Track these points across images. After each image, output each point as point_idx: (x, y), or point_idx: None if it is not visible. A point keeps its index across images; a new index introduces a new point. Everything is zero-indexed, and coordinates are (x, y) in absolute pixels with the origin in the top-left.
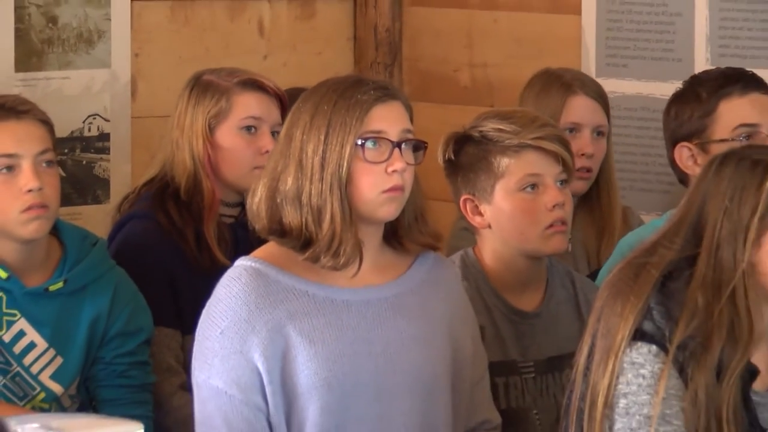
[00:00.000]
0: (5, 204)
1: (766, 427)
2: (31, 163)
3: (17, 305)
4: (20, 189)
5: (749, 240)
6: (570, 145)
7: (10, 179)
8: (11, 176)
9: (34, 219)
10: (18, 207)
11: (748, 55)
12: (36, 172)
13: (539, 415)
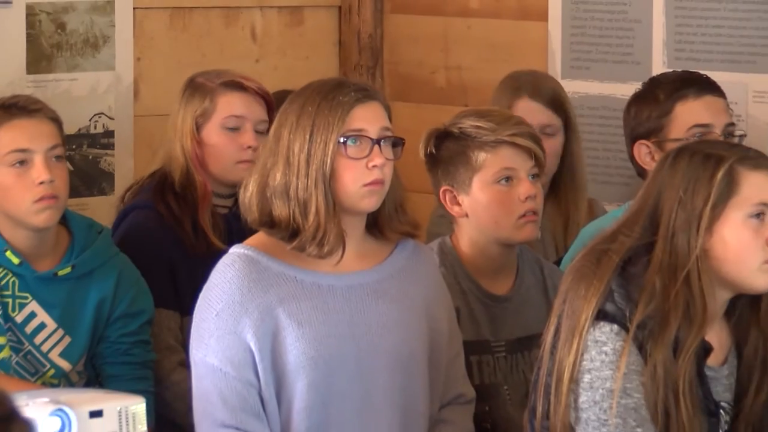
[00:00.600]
0: (19, 195)
1: (719, 399)
2: (42, 158)
3: (29, 289)
4: (33, 181)
5: (702, 228)
6: (542, 143)
7: (24, 172)
8: (24, 169)
9: (45, 209)
10: (30, 198)
11: (702, 59)
12: (47, 166)
13: (509, 391)
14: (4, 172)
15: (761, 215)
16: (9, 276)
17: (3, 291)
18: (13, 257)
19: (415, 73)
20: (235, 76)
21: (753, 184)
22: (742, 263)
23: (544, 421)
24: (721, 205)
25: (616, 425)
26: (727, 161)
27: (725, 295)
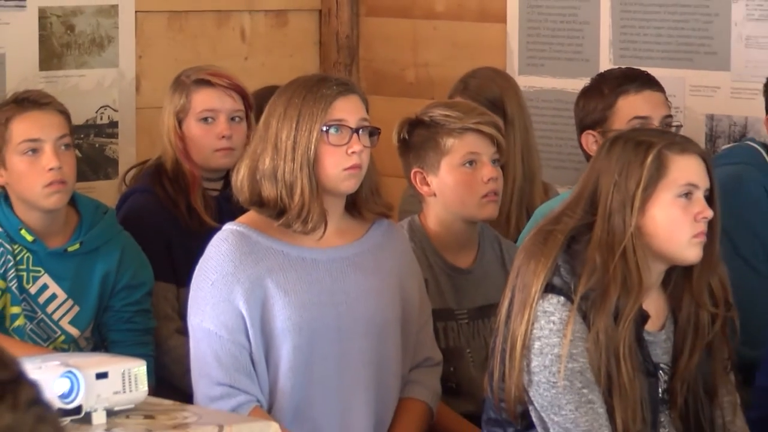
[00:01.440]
0: (31, 180)
1: (657, 361)
2: (52, 146)
3: (41, 263)
4: (43, 168)
5: (635, 207)
6: (503, 131)
7: (35, 160)
8: (36, 157)
9: (55, 192)
10: (41, 182)
11: (644, 56)
12: (56, 154)
13: (472, 354)
14: (17, 159)
15: (689, 195)
16: (24, 252)
17: (18, 265)
18: (27, 235)
19: (387, 69)
20: (203, 74)
21: (680, 167)
22: (673, 238)
23: (500, 383)
24: (652, 187)
25: (564, 387)
26: (656, 147)
27: (660, 267)
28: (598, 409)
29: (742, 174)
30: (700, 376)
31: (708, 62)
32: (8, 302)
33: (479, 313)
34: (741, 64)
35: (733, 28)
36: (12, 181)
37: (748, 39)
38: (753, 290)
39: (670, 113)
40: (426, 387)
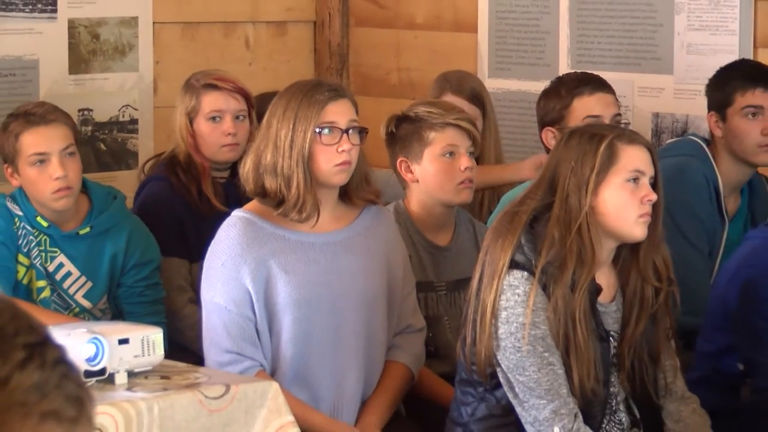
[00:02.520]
0: (40, 187)
1: (609, 329)
2: (57, 157)
3: (57, 245)
4: (50, 176)
5: (589, 190)
6: (478, 128)
7: (43, 169)
8: (43, 167)
9: (62, 198)
10: (50, 189)
11: (598, 62)
12: (61, 163)
13: (449, 321)
14: (28, 169)
15: (636, 180)
16: (41, 235)
17: (38, 246)
18: (42, 221)
19: (374, 73)
20: (211, 78)
21: (629, 155)
22: (621, 217)
23: (471, 348)
24: (604, 172)
25: (527, 351)
26: (608, 137)
27: (611, 244)
28: (557, 370)
29: (686, 164)
30: (645, 342)
31: (654, 67)
32: (34, 277)
33: (456, 285)
34: (683, 69)
35: (676, 37)
36: (25, 186)
37: (689, 46)
38: (694, 266)
39: (619, 112)
40: (406, 351)
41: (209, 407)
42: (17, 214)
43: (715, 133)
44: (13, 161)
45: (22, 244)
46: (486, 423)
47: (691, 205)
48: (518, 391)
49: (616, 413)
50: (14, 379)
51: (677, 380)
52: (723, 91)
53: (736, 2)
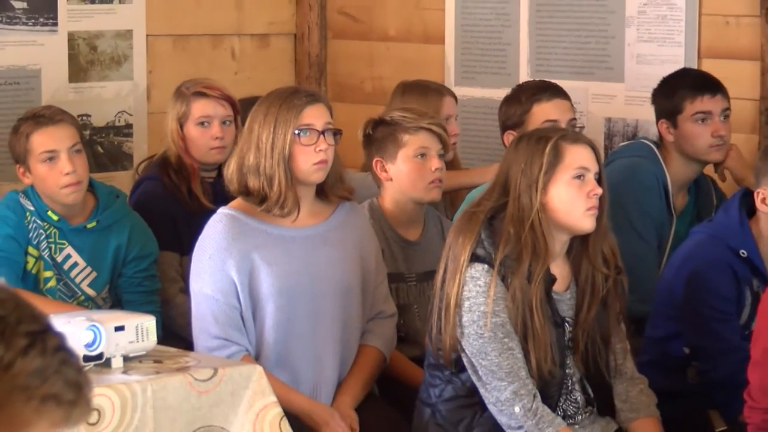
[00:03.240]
0: (51, 182)
1: (564, 315)
2: (66, 154)
3: (65, 237)
4: (60, 172)
5: (539, 189)
6: (447, 131)
7: (53, 166)
8: (53, 164)
9: (72, 192)
10: (60, 184)
11: (555, 71)
12: (70, 160)
13: (418, 309)
14: (39, 166)
15: (581, 176)
16: (51, 228)
17: (48, 239)
18: (52, 215)
19: (349, 82)
20: (200, 87)
21: (573, 154)
22: (570, 211)
23: (438, 336)
24: (551, 171)
25: (489, 337)
26: (552, 139)
27: (563, 237)
28: (517, 354)
29: (637, 165)
30: (597, 326)
31: (606, 75)
32: (41, 268)
33: (425, 276)
34: (633, 77)
35: (627, 48)
36: (36, 183)
37: (638, 57)
38: (643, 256)
39: (574, 117)
40: (379, 335)
41: (198, 389)
42: (29, 209)
43: (667, 138)
44: (24, 160)
45: (32, 237)
46: (452, 403)
47: (642, 202)
48: (481, 374)
49: (571, 393)
50: (17, 364)
51: (627, 362)
52: (672, 100)
53: (681, 16)
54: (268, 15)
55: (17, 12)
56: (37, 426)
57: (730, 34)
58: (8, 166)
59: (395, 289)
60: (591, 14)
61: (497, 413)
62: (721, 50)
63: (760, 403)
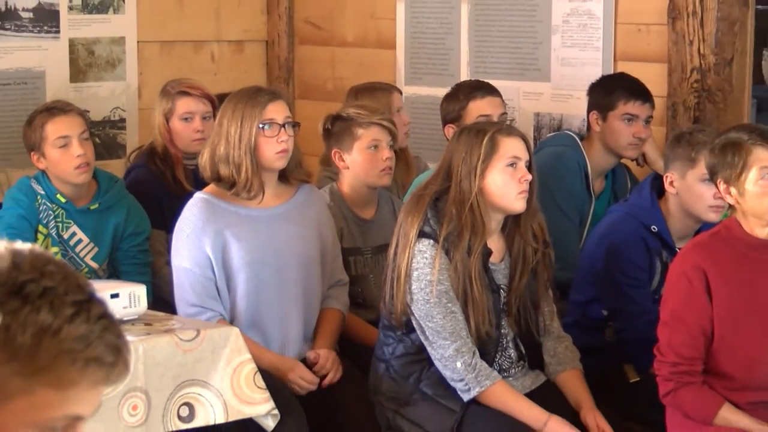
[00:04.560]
0: (64, 165)
1: (499, 283)
2: (77, 140)
3: (71, 217)
4: (72, 155)
5: (477, 175)
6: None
7: (66, 150)
8: (66, 149)
9: (82, 173)
10: (72, 166)
11: (491, 72)
12: (80, 145)
13: (374, 278)
14: (53, 151)
15: (514, 164)
16: (59, 209)
17: (56, 219)
18: (61, 198)
19: (313, 82)
20: (184, 86)
21: (507, 145)
22: (504, 195)
23: (390, 301)
24: (488, 160)
25: (434, 303)
26: (489, 132)
27: (498, 216)
28: (458, 317)
29: (562, 153)
30: (528, 292)
31: (535, 76)
32: (49, 244)
33: (379, 249)
34: (558, 78)
35: (553, 53)
36: (50, 167)
37: (563, 60)
38: (567, 233)
39: (505, 111)
40: (338, 299)
41: (183, 348)
42: (39, 192)
43: (594, 128)
44: (39, 147)
45: (42, 217)
46: (403, 359)
47: (566, 185)
48: (428, 334)
49: (506, 350)
50: (64, 330)
51: (554, 323)
52: (608, 97)
53: (599, 24)
54: (243, 24)
55: (24, 21)
56: (81, 385)
57: (641, 39)
58: (18, 155)
59: (353, 261)
60: (522, 23)
61: (442, 368)
62: (634, 54)
63: (668, 358)
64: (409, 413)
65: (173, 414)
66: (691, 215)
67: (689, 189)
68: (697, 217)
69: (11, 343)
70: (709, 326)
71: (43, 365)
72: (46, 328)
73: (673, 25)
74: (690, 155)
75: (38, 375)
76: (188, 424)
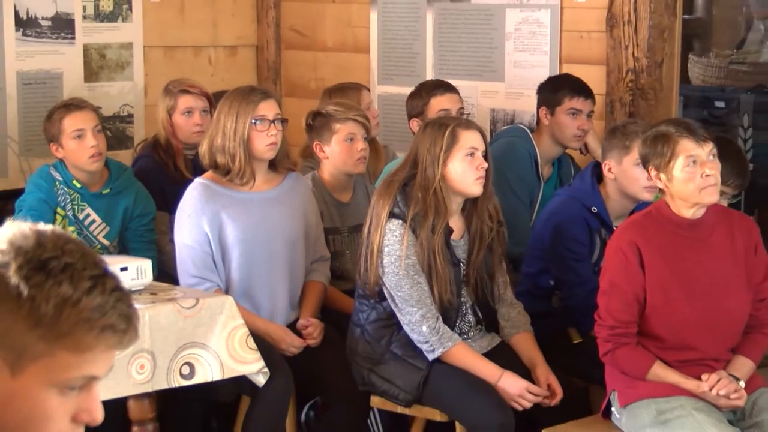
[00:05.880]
0: (80, 155)
1: (459, 257)
2: (91, 132)
3: (86, 200)
4: (86, 146)
5: (440, 164)
6: (370, 122)
7: (81, 142)
8: (81, 140)
9: (95, 161)
10: (87, 155)
11: (453, 73)
12: (94, 137)
13: (350, 254)
14: (70, 142)
15: (472, 154)
16: (75, 194)
17: (72, 202)
18: (76, 183)
19: (298, 82)
20: (185, 86)
21: (466, 137)
22: (464, 181)
23: (365, 274)
24: (449, 151)
25: (403, 274)
26: (450, 125)
27: (458, 199)
28: (424, 287)
29: (515, 143)
30: (484, 265)
31: (491, 77)
32: (66, 224)
33: (354, 229)
34: (511, 78)
35: (506, 56)
36: (67, 156)
37: (515, 63)
38: (519, 213)
39: (462, 107)
40: (321, 273)
41: (184, 314)
42: (58, 179)
43: (543, 122)
44: (58, 139)
45: (60, 200)
46: (376, 324)
47: (518, 171)
48: (398, 302)
49: (465, 315)
50: (82, 302)
51: (507, 291)
52: (555, 94)
53: (547, 32)
54: (236, 31)
55: (44, 29)
56: (96, 349)
57: (583, 45)
58: (39, 146)
59: (332, 240)
60: (479, 30)
61: (410, 332)
62: (577, 57)
63: (606, 322)
64: (381, 371)
65: (176, 372)
66: (627, 196)
67: (625, 173)
68: (634, 197)
69: (36, 313)
70: (642, 294)
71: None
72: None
73: (611, 32)
74: (625, 144)
75: (59, 340)
76: (189, 381)
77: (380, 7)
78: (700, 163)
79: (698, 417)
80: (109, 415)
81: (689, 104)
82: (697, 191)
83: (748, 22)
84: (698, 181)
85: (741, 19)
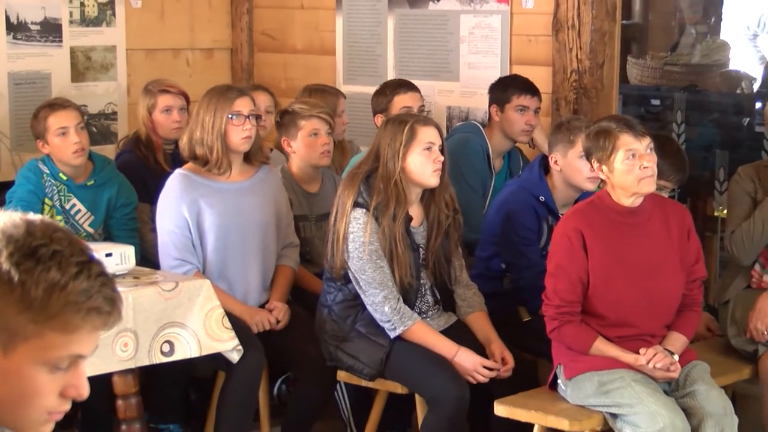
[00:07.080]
0: (64, 150)
1: (419, 243)
2: (74, 129)
3: (72, 191)
4: (70, 142)
5: (400, 157)
6: (333, 119)
7: (65, 138)
8: (65, 137)
9: (78, 156)
10: (71, 150)
11: (413, 73)
12: (77, 134)
13: (318, 241)
14: (55, 139)
15: (430, 149)
16: (61, 186)
17: (59, 193)
18: (63, 176)
19: (270, 83)
20: (164, 86)
21: (424, 132)
22: (422, 173)
23: (331, 258)
24: (408, 145)
25: (366, 260)
26: (409, 122)
27: (417, 189)
28: (386, 271)
29: (469, 138)
30: (442, 250)
31: (448, 77)
32: (53, 214)
33: (322, 217)
34: (466, 78)
35: (461, 58)
36: (53, 151)
37: (469, 64)
38: (473, 202)
39: (423, 104)
40: (290, 258)
41: (165, 296)
42: (45, 171)
43: (494, 118)
44: (43, 136)
45: (48, 192)
46: (342, 305)
47: (472, 163)
48: (362, 284)
49: (424, 296)
50: (70, 285)
51: (463, 274)
52: (505, 93)
53: (498, 36)
54: (212, 35)
55: (33, 32)
56: (83, 329)
57: (531, 48)
58: (29, 141)
59: (302, 227)
60: (436, 34)
61: (373, 311)
62: (526, 59)
63: (553, 301)
64: (347, 348)
65: (157, 350)
66: (572, 186)
67: (570, 165)
68: (578, 187)
69: (26, 297)
70: (585, 276)
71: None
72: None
73: (557, 36)
74: (569, 138)
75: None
76: (169, 358)
77: (345, 13)
78: (639, 156)
79: (636, 388)
80: (95, 391)
81: (628, 102)
82: (635, 182)
83: (681, 26)
84: (637, 173)
85: (674, 24)
